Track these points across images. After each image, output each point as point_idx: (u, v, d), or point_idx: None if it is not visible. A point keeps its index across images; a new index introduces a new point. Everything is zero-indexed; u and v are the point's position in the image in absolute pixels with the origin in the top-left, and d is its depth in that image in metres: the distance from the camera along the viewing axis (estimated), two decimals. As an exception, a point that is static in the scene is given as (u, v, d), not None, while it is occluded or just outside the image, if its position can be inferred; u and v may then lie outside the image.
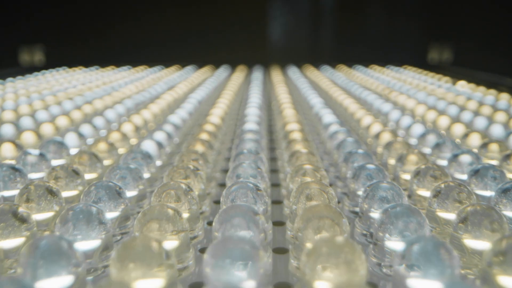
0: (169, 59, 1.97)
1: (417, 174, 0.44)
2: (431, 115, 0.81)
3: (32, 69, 1.73)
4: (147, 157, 0.51)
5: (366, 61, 1.91)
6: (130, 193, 0.43)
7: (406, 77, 1.47)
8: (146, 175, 0.49)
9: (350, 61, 1.92)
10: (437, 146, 0.56)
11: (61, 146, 0.55)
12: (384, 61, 1.91)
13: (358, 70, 1.74)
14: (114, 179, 0.43)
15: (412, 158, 0.50)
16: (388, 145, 0.56)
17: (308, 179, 0.43)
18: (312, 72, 1.71)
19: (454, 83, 1.30)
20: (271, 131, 0.81)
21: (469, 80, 1.32)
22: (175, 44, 2.08)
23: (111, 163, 0.54)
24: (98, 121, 0.74)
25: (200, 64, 1.93)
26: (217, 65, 1.93)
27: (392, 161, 0.55)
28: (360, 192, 0.43)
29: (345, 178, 0.50)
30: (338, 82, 1.36)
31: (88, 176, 0.47)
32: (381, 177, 0.43)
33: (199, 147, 0.56)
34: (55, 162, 0.52)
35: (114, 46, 2.04)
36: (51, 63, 1.87)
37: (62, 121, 0.75)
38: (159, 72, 1.71)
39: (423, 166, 0.44)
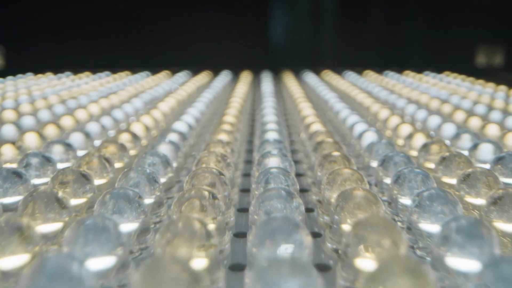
0: (159, 64, 1.63)
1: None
2: None
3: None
4: None
5: (397, 66, 1.57)
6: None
7: (463, 88, 1.13)
8: None
9: (378, 66, 1.58)
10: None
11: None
12: (418, 66, 1.57)
13: (391, 77, 1.40)
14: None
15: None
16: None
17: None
18: (335, 79, 1.36)
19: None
20: (303, 186, 0.47)
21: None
22: (167, 46, 1.74)
23: None
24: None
25: (195, 69, 1.58)
26: (216, 70, 1.58)
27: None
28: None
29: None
30: (380, 96, 1.01)
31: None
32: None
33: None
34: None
35: (92, 48, 1.69)
36: (12, 68, 1.53)
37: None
38: (144, 80, 1.37)
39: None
